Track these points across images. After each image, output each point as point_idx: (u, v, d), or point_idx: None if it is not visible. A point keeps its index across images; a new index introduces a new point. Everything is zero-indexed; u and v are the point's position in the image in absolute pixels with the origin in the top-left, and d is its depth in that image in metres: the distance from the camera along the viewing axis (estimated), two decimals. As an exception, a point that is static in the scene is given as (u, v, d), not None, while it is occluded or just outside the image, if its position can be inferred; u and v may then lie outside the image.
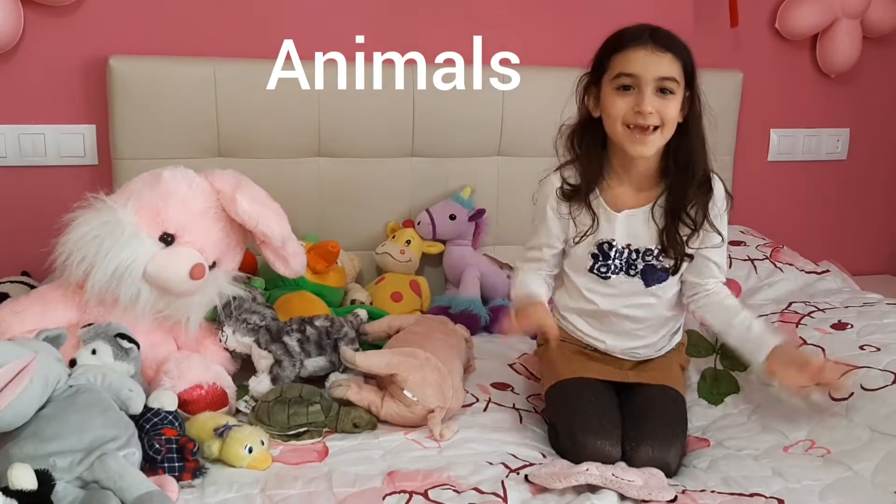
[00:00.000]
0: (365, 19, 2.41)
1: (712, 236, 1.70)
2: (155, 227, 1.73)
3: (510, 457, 1.58)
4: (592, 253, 1.73)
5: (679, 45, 1.60)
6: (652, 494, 1.42)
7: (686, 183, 1.66)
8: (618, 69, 1.60)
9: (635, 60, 1.57)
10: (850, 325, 1.96)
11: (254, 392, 1.77)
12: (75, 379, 1.47)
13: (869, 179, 2.97)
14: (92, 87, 2.24)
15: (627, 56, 1.58)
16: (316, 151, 2.35)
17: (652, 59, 1.57)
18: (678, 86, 1.59)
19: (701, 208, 1.67)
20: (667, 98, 1.58)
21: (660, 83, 1.57)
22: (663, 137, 1.61)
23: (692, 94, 1.64)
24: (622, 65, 1.59)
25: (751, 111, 2.72)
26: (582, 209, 1.70)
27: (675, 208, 1.67)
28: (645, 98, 1.57)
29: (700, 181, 1.67)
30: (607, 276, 1.73)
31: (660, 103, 1.58)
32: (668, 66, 1.58)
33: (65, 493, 1.31)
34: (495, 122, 2.45)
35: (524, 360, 2.10)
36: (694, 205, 1.67)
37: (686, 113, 1.64)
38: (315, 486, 1.45)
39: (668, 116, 1.59)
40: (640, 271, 1.72)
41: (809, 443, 1.67)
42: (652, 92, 1.57)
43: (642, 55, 1.57)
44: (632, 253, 1.71)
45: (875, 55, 2.83)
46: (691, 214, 1.67)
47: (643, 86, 1.57)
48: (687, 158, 1.65)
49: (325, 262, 2.13)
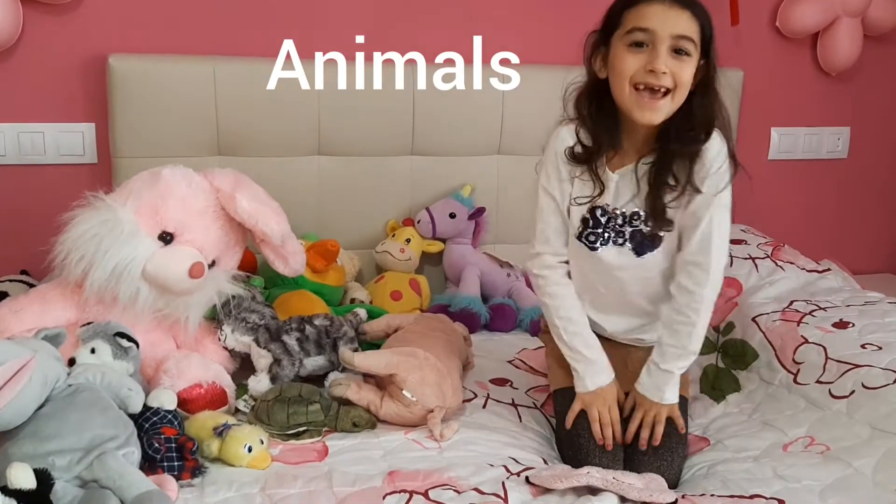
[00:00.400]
0: (365, 18, 2.40)
1: (700, 204, 1.55)
2: (154, 225, 1.73)
3: (511, 460, 1.58)
4: (584, 217, 1.63)
5: (699, 5, 1.48)
6: (652, 496, 1.42)
7: (682, 146, 1.53)
8: (631, 24, 1.47)
9: (651, 15, 1.45)
10: (851, 324, 1.95)
11: (253, 391, 1.76)
12: (74, 378, 1.47)
13: (870, 178, 2.97)
14: (91, 85, 2.24)
15: (642, 10, 1.46)
16: (316, 150, 2.35)
17: (669, 15, 1.45)
18: (694, 48, 1.47)
19: (686, 165, 1.53)
20: (682, 59, 1.46)
21: (676, 42, 1.45)
22: (674, 103, 1.49)
23: (707, 63, 1.52)
24: (636, 19, 1.47)
25: (751, 110, 2.72)
26: (586, 172, 1.60)
27: (660, 166, 1.55)
28: (659, 56, 1.44)
29: (694, 147, 1.53)
30: (595, 245, 1.64)
31: (674, 64, 1.45)
32: (687, 23, 1.45)
33: (64, 492, 1.31)
34: (495, 121, 2.45)
35: (523, 356, 2.10)
36: (678, 162, 1.54)
37: (699, 80, 1.52)
38: (315, 485, 1.45)
39: (681, 79, 1.47)
40: (628, 238, 1.62)
41: (809, 439, 1.67)
42: (667, 50, 1.45)
43: (659, 9, 1.45)
44: (618, 217, 1.61)
45: (876, 54, 2.82)
46: (674, 171, 1.54)
47: (658, 43, 1.45)
48: (703, 123, 1.53)
49: (325, 260, 2.13)
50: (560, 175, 1.64)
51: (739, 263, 2.33)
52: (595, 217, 1.63)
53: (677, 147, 1.53)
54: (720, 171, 1.56)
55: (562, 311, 1.68)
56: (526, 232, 1.76)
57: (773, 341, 1.97)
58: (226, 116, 2.23)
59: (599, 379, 1.65)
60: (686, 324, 1.60)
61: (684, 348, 1.61)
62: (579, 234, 1.66)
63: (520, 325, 2.31)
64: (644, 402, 1.64)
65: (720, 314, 2.16)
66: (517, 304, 2.34)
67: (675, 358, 1.62)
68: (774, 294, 2.20)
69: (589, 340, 1.68)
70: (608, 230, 1.63)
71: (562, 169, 1.63)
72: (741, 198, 1.92)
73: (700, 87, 1.53)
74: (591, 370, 1.66)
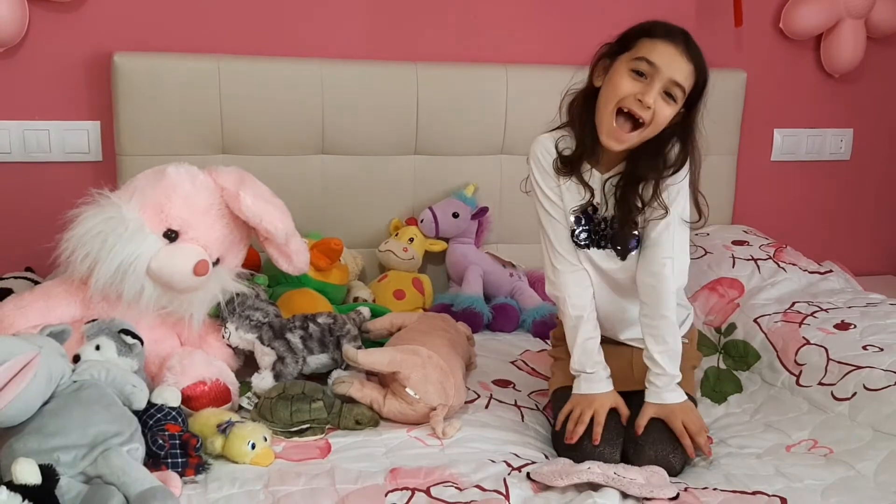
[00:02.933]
0: (369, 17, 2.41)
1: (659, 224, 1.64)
2: (159, 223, 1.73)
3: (513, 456, 1.58)
4: (577, 217, 1.69)
5: (703, 63, 1.59)
6: (654, 492, 1.43)
7: (649, 170, 1.62)
8: (642, 52, 1.57)
9: (662, 52, 1.55)
10: (853, 326, 1.96)
11: (256, 388, 1.77)
12: (79, 374, 1.47)
13: (872, 180, 2.97)
14: (96, 83, 2.24)
15: (656, 45, 1.56)
16: (320, 149, 2.35)
17: (677, 60, 1.55)
18: (682, 96, 1.58)
19: (649, 189, 1.63)
20: (668, 102, 1.57)
21: (670, 86, 1.56)
22: (641, 138, 1.59)
23: (689, 112, 1.61)
24: (648, 51, 1.56)
25: (754, 111, 2.72)
26: (570, 178, 1.67)
27: (632, 179, 1.63)
28: (653, 91, 1.55)
29: (660, 173, 1.62)
30: (584, 244, 1.69)
31: (660, 104, 1.56)
32: (687, 74, 1.56)
33: (68, 487, 1.31)
34: (498, 121, 2.45)
35: (526, 356, 2.10)
36: (649, 179, 1.63)
37: (674, 123, 1.61)
38: (318, 482, 1.45)
39: (659, 118, 1.57)
40: (610, 240, 1.67)
41: (812, 442, 1.67)
42: (660, 88, 1.55)
43: (671, 51, 1.55)
44: (601, 222, 1.68)
45: (879, 55, 2.82)
46: (640, 194, 1.63)
47: (656, 79, 1.55)
48: (659, 161, 1.62)
49: (329, 259, 2.14)
50: (549, 174, 1.69)
51: (741, 264, 2.33)
52: (587, 214, 1.68)
53: (644, 172, 1.62)
54: (680, 194, 1.66)
55: (584, 333, 1.68)
56: (528, 232, 1.76)
57: (775, 342, 1.98)
58: (230, 115, 2.24)
59: (598, 386, 1.67)
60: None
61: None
62: (570, 234, 1.70)
63: (522, 326, 2.31)
64: (665, 409, 1.64)
65: (722, 315, 2.17)
66: (520, 305, 2.34)
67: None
68: (776, 295, 2.20)
69: (596, 357, 1.69)
70: (592, 233, 1.69)
71: (548, 169, 1.69)
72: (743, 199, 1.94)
73: (678, 130, 1.62)
74: (589, 379, 1.68)
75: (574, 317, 1.69)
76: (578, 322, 1.68)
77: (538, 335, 2.24)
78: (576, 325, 1.68)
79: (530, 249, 2.30)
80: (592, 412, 1.63)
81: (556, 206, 1.69)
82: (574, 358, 1.68)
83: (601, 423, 1.62)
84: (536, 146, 1.71)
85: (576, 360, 1.68)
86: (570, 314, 1.69)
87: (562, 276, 1.70)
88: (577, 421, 1.63)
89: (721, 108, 2.53)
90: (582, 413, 1.63)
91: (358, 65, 2.34)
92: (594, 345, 1.68)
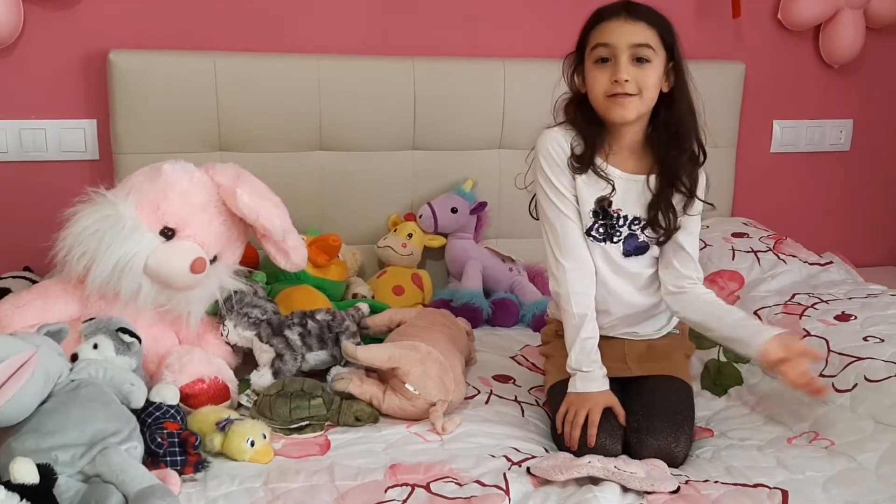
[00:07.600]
0: (367, 12, 2.40)
1: (689, 221, 1.71)
2: (156, 221, 1.73)
3: (512, 450, 1.58)
4: (594, 210, 1.69)
5: (654, 14, 1.63)
6: (654, 485, 1.42)
7: (678, 153, 1.66)
8: (595, 41, 1.63)
9: (610, 30, 1.61)
10: (853, 317, 1.95)
11: (255, 386, 1.77)
12: (77, 373, 1.47)
13: (872, 171, 2.96)
14: (92, 81, 2.24)
15: (603, 28, 1.63)
16: (317, 145, 2.35)
17: (625, 28, 1.60)
18: (654, 53, 1.60)
19: (689, 178, 1.68)
20: (643, 66, 1.60)
21: (634, 51, 1.59)
22: (643, 103, 1.62)
23: (676, 64, 1.64)
24: (598, 36, 1.63)
25: (753, 102, 2.71)
26: (589, 174, 1.68)
27: (670, 177, 1.67)
28: (621, 67, 1.59)
29: (690, 153, 1.67)
30: (602, 240, 1.71)
31: (636, 72, 1.59)
32: (642, 33, 1.60)
33: (67, 486, 1.31)
34: (496, 115, 2.44)
35: (526, 352, 2.10)
36: (687, 174, 1.68)
37: (672, 83, 1.65)
38: (317, 479, 1.45)
39: (645, 84, 1.60)
40: (622, 239, 1.70)
41: (813, 434, 1.67)
42: (627, 60, 1.59)
43: (616, 25, 1.61)
44: (620, 218, 1.70)
45: (878, 46, 2.81)
46: (685, 182, 1.68)
47: (618, 54, 1.59)
48: (676, 129, 1.66)
49: (327, 255, 2.13)
50: (562, 169, 1.68)
51: (741, 257, 2.32)
52: (604, 209, 1.69)
53: (673, 151, 1.66)
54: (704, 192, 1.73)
55: (585, 332, 1.68)
56: (527, 226, 1.75)
57: (776, 334, 1.97)
58: (227, 112, 2.23)
59: (593, 385, 1.66)
60: (719, 302, 1.74)
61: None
62: (588, 229, 1.70)
63: (522, 320, 2.30)
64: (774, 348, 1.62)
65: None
66: (519, 299, 2.34)
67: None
68: (777, 287, 2.20)
69: (593, 356, 1.68)
70: (609, 227, 1.69)
71: (561, 164, 1.68)
72: (743, 191, 1.94)
73: (674, 89, 1.65)
74: (585, 377, 1.67)
75: (578, 315, 1.68)
76: (582, 321, 1.67)
77: (538, 330, 2.22)
78: (578, 323, 1.68)
79: (529, 244, 2.30)
80: (586, 412, 1.61)
81: (567, 202, 1.69)
82: (572, 356, 1.67)
83: (595, 424, 1.60)
84: (547, 140, 1.70)
85: (573, 359, 1.67)
86: (573, 312, 1.68)
87: (567, 274, 1.69)
88: (573, 424, 1.62)
89: (720, 99, 2.53)
90: (576, 414, 1.62)
91: (355, 60, 2.33)
92: (592, 345, 1.68)
